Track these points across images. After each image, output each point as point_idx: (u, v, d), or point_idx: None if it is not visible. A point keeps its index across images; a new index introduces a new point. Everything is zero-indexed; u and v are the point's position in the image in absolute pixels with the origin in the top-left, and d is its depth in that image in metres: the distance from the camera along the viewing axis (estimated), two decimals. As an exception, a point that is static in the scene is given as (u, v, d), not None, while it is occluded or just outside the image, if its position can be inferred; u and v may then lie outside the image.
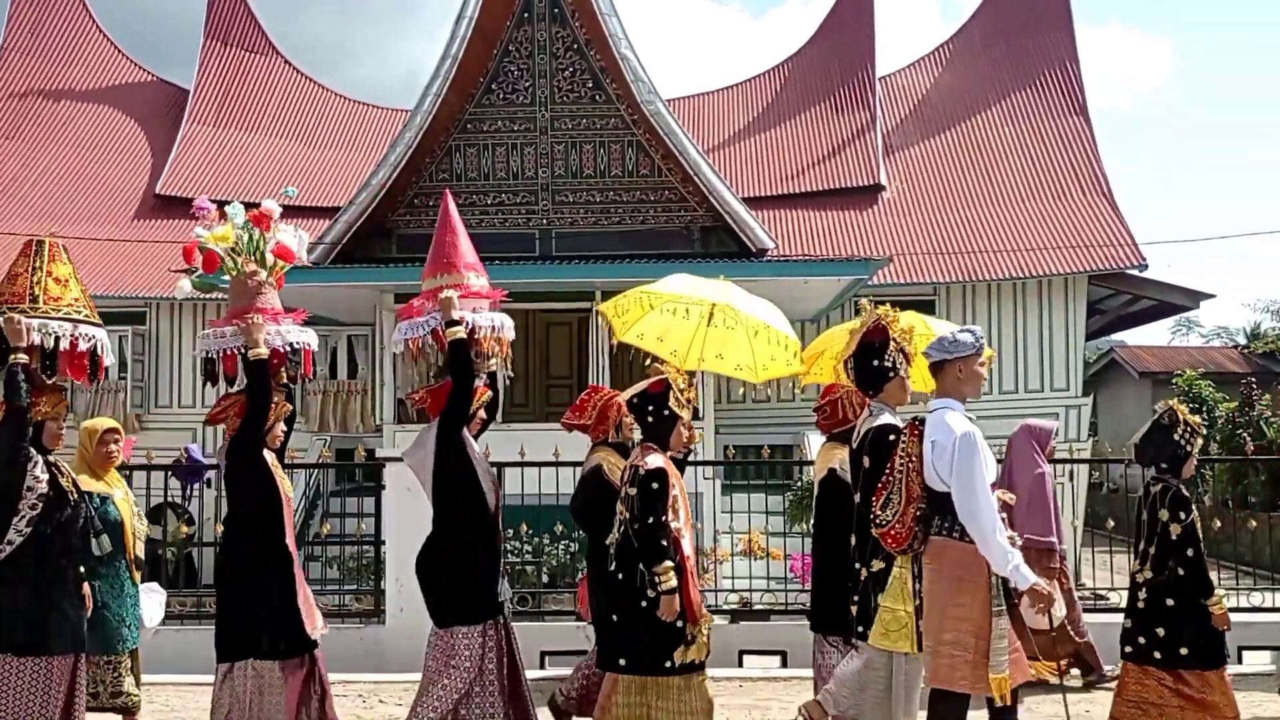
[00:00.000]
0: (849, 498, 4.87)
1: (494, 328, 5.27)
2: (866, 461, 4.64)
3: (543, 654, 8.35)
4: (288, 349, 5.14)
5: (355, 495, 14.74)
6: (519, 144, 18.38)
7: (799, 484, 13.08)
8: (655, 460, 4.88)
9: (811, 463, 13.26)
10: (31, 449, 4.86)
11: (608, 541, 5.02)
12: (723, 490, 13.05)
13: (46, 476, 4.85)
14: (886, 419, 4.66)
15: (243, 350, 5.05)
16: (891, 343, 4.73)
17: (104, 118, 23.67)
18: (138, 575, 6.02)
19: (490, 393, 5.45)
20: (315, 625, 5.15)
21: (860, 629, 4.68)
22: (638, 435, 5.25)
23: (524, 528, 10.15)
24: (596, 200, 18.37)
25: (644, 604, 4.79)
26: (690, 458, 9.64)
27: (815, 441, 15.90)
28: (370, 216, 17.74)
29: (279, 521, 5.08)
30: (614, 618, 4.93)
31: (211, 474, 9.63)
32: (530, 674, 7.57)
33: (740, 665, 8.15)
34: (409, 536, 8.57)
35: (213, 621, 8.74)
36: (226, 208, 5.37)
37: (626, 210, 18.30)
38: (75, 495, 5.03)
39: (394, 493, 8.65)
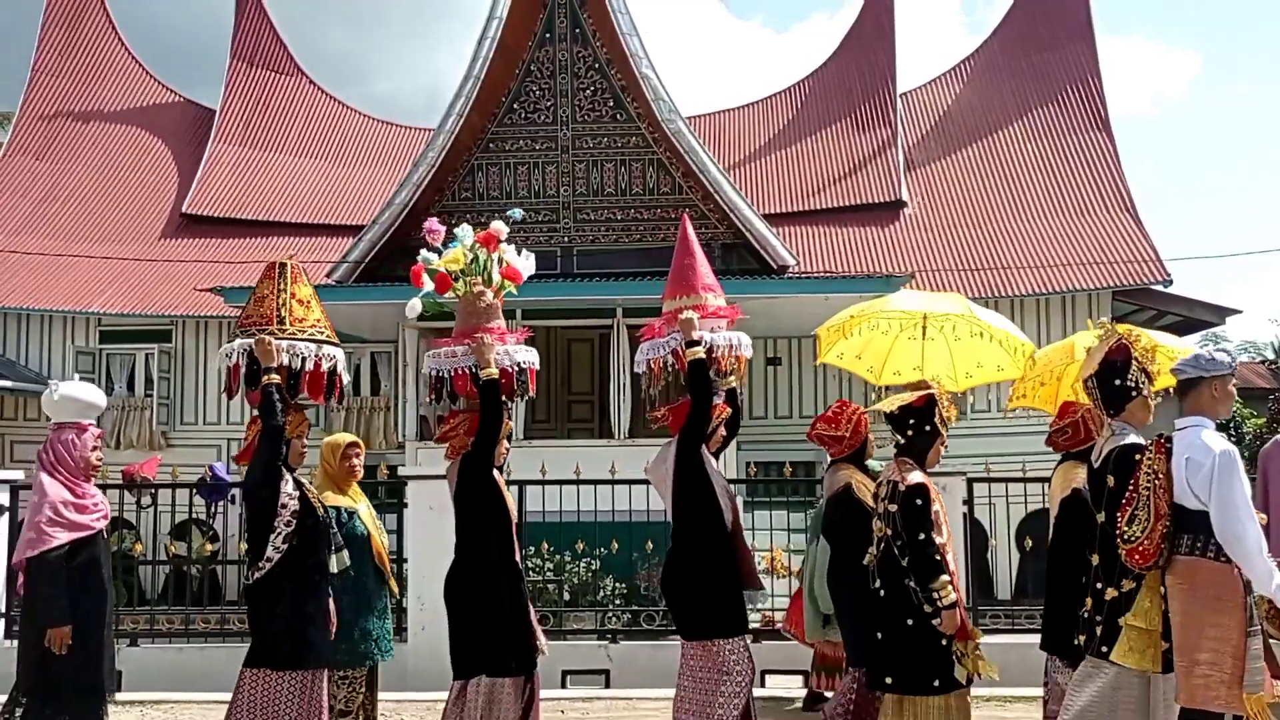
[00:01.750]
0: (1091, 518, 4.80)
1: (731, 345, 5.36)
2: (1111, 481, 4.55)
3: (564, 673, 8.34)
4: (515, 368, 5.19)
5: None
6: (541, 162, 18.48)
7: (821, 501, 13.01)
8: (916, 476, 4.87)
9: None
10: (283, 467, 4.96)
11: (866, 561, 4.99)
12: (745, 507, 12.98)
13: (297, 494, 4.94)
14: (1132, 438, 4.59)
15: (473, 369, 5.12)
16: (1134, 362, 4.67)
17: (131, 138, 23.94)
18: (395, 586, 6.03)
19: (730, 410, 5.49)
20: (541, 642, 5.18)
21: (1104, 649, 4.55)
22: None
23: (545, 545, 10.16)
24: (617, 218, 18.43)
25: (910, 621, 4.77)
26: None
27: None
28: (393, 235, 17.86)
29: (509, 538, 5.13)
30: (879, 635, 4.90)
31: (235, 491, 9.72)
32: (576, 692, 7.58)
33: (764, 685, 8.11)
34: (431, 554, 8.60)
35: (237, 639, 8.81)
36: (456, 230, 5.49)
37: (647, 228, 18.35)
38: (321, 511, 5.11)
39: (416, 510, 8.68)
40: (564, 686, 8.18)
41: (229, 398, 5.25)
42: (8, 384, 18.49)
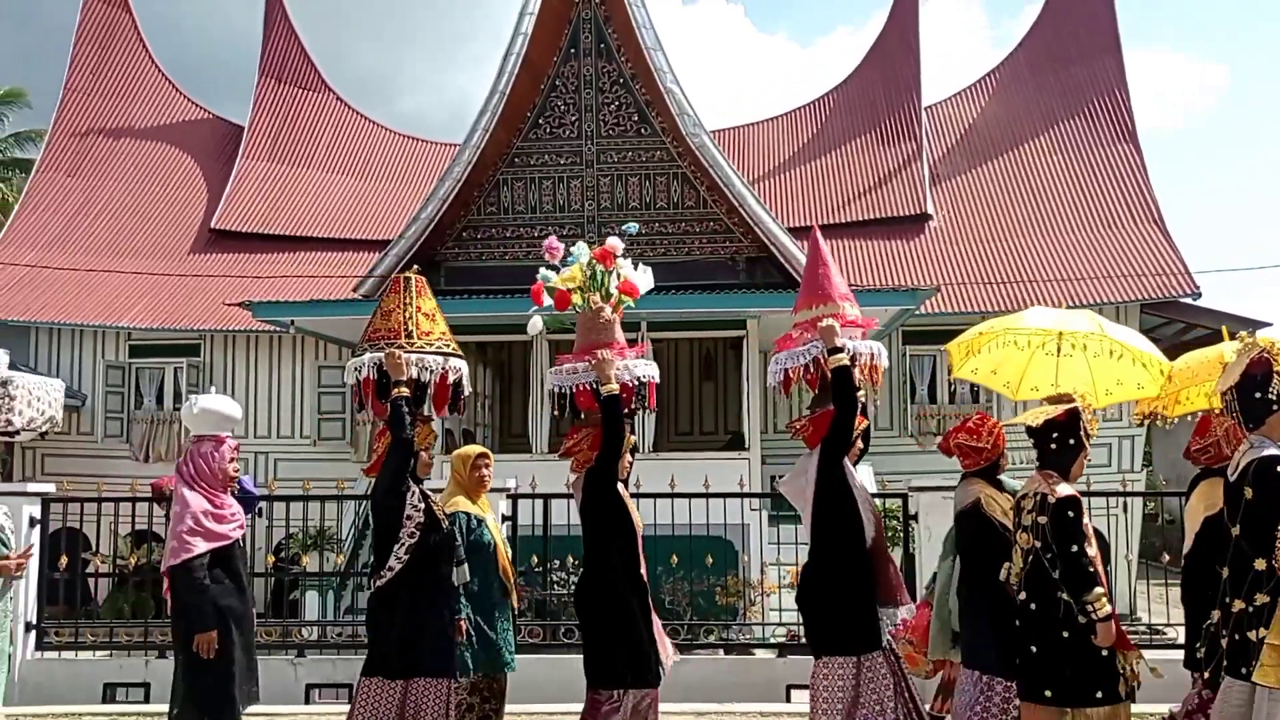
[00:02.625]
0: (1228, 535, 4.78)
1: (871, 355, 5.32)
2: (1249, 493, 4.48)
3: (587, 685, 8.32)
4: (635, 383, 5.25)
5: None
6: (565, 177, 18.55)
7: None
8: (1065, 488, 4.82)
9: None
10: (410, 479, 5.04)
11: (1011, 576, 4.91)
12: (769, 521, 12.98)
13: (423, 505, 5.00)
14: (1271, 450, 4.51)
15: (594, 385, 5.17)
16: (1275, 375, 4.59)
17: (161, 154, 24.22)
18: (515, 598, 6.07)
19: (867, 421, 5.42)
20: (667, 654, 5.19)
21: (1242, 669, 4.47)
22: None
23: (570, 559, 10.16)
24: (642, 232, 18.45)
25: (1065, 634, 4.71)
26: (737, 488, 9.64)
27: (862, 471, 15.81)
28: (419, 250, 17.96)
29: (634, 551, 5.16)
30: (1033, 649, 4.82)
31: (262, 504, 9.77)
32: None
33: (788, 700, 8.08)
34: (456, 567, 8.61)
35: (264, 651, 8.85)
36: (572, 247, 5.53)
37: (672, 242, 18.38)
38: (446, 525, 5.16)
39: (442, 524, 8.69)
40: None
41: (358, 410, 5.30)
42: (39, 398, 18.65)
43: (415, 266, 5.73)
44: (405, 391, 5.01)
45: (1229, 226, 64.34)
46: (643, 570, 5.19)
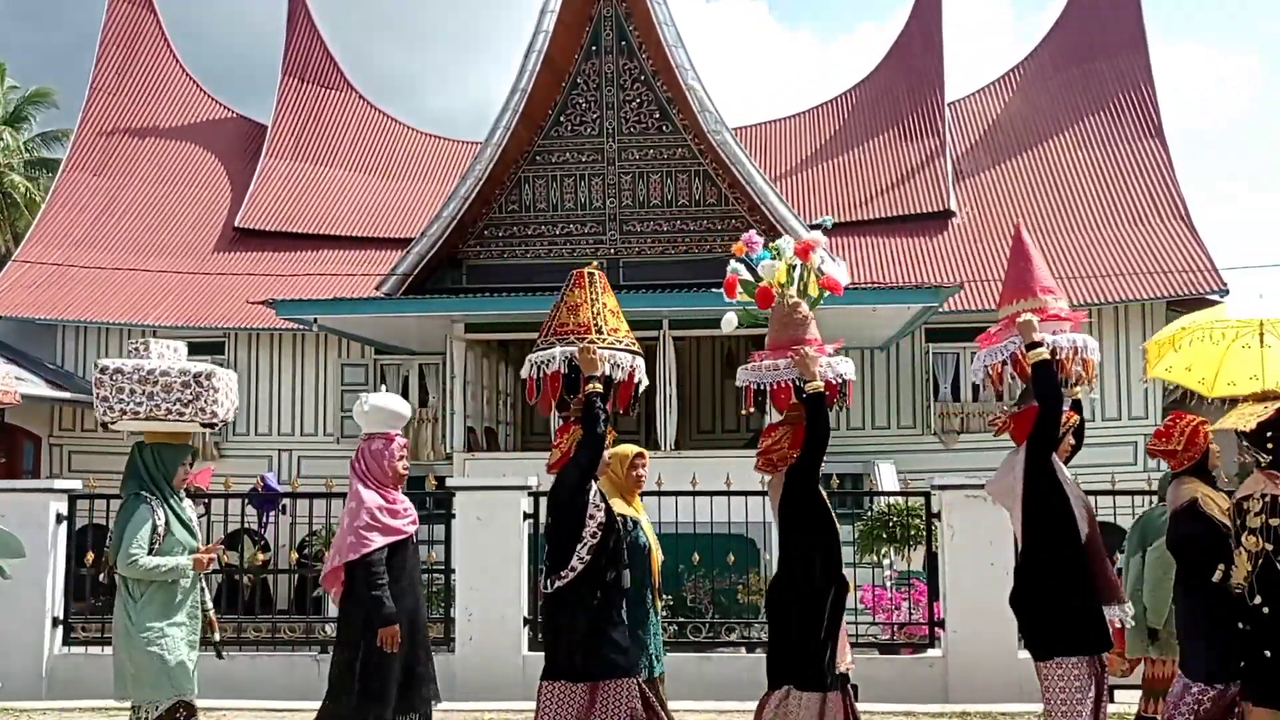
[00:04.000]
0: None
1: (1075, 349, 5.19)
2: None
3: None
4: (839, 380, 5.17)
5: (426, 523, 14.85)
6: (587, 175, 18.55)
7: (869, 514, 12.93)
8: None
9: (883, 493, 13.14)
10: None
11: (1217, 577, 4.83)
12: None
13: (604, 505, 4.96)
14: None
15: (795, 382, 5.09)
16: None
17: (186, 153, 24.38)
18: (659, 602, 6.04)
19: (1078, 417, 5.30)
20: (845, 660, 5.12)
21: None
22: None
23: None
24: (664, 230, 18.46)
25: None
26: (759, 486, 9.61)
27: (885, 470, 15.74)
28: (441, 247, 18.01)
29: (838, 552, 5.09)
30: (1266, 654, 4.70)
31: (285, 502, 9.83)
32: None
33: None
34: (478, 565, 8.64)
35: (288, 648, 8.90)
36: (776, 241, 5.45)
37: (694, 239, 18.35)
38: (620, 525, 5.12)
39: (463, 521, 8.73)
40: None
41: (544, 407, 5.25)
42: (66, 395, 18.85)
43: (595, 262, 5.65)
44: (599, 388, 4.96)
45: (1258, 222, 63.72)
46: (844, 571, 5.11)
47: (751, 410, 5.31)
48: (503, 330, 16.58)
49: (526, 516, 8.65)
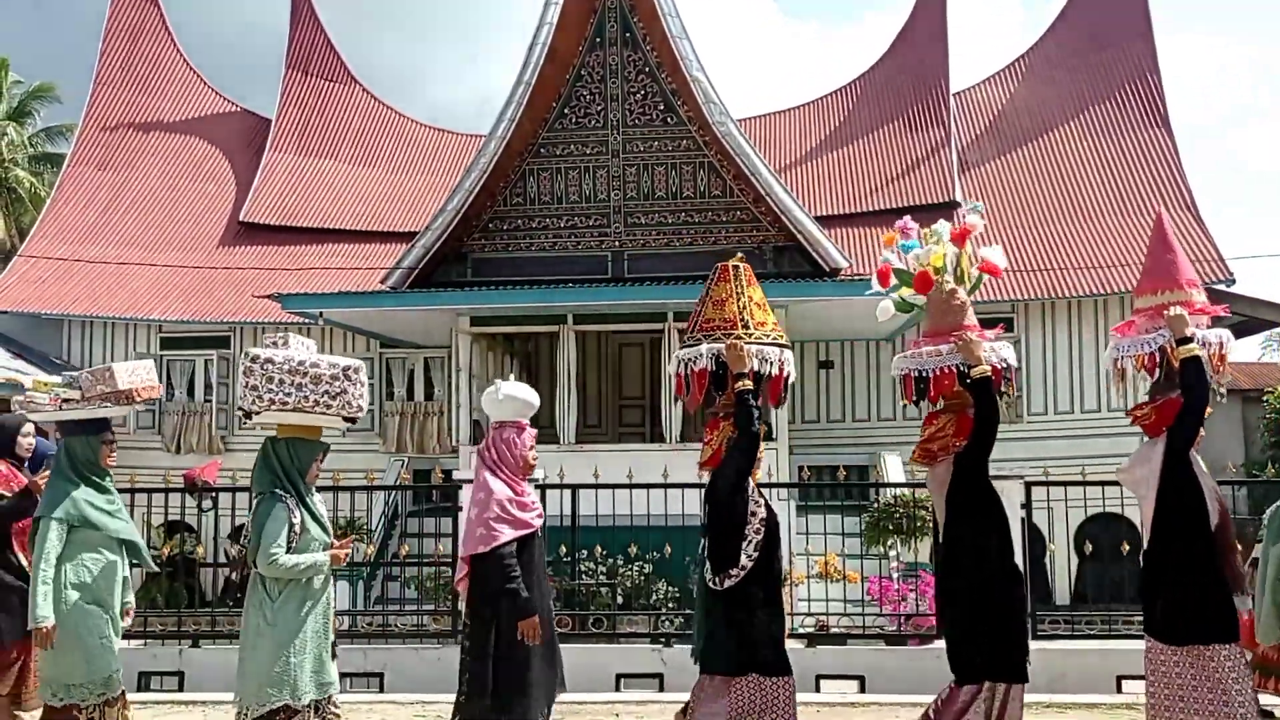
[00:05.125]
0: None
1: (1220, 342, 5.15)
2: None
3: (617, 676, 8.34)
4: (1004, 365, 5.11)
5: (433, 516, 14.91)
6: (591, 167, 18.53)
7: (875, 505, 12.93)
8: None
9: (890, 484, 13.12)
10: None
11: None
12: (798, 511, 12.94)
13: (763, 500, 4.94)
14: None
15: (959, 367, 5.03)
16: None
17: (190, 147, 24.38)
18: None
19: (1210, 410, 5.22)
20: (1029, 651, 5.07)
21: None
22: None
23: (598, 549, 10.17)
24: (668, 222, 18.43)
25: None
26: (764, 479, 9.61)
27: (892, 461, 15.73)
28: (446, 241, 18.00)
29: (1008, 539, 5.05)
30: None
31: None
32: (602, 696, 7.58)
33: (818, 690, 8.07)
34: (485, 558, 8.63)
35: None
36: (933, 227, 5.35)
37: (698, 231, 18.33)
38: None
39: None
40: (618, 689, 8.17)
41: (692, 404, 5.17)
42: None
43: (739, 254, 5.56)
44: (749, 384, 4.90)
45: (1265, 212, 63.52)
46: (1018, 559, 5.07)
47: (912, 399, 5.22)
48: (508, 323, 16.58)
49: (533, 509, 8.64)
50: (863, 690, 8.18)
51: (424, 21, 74.25)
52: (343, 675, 8.59)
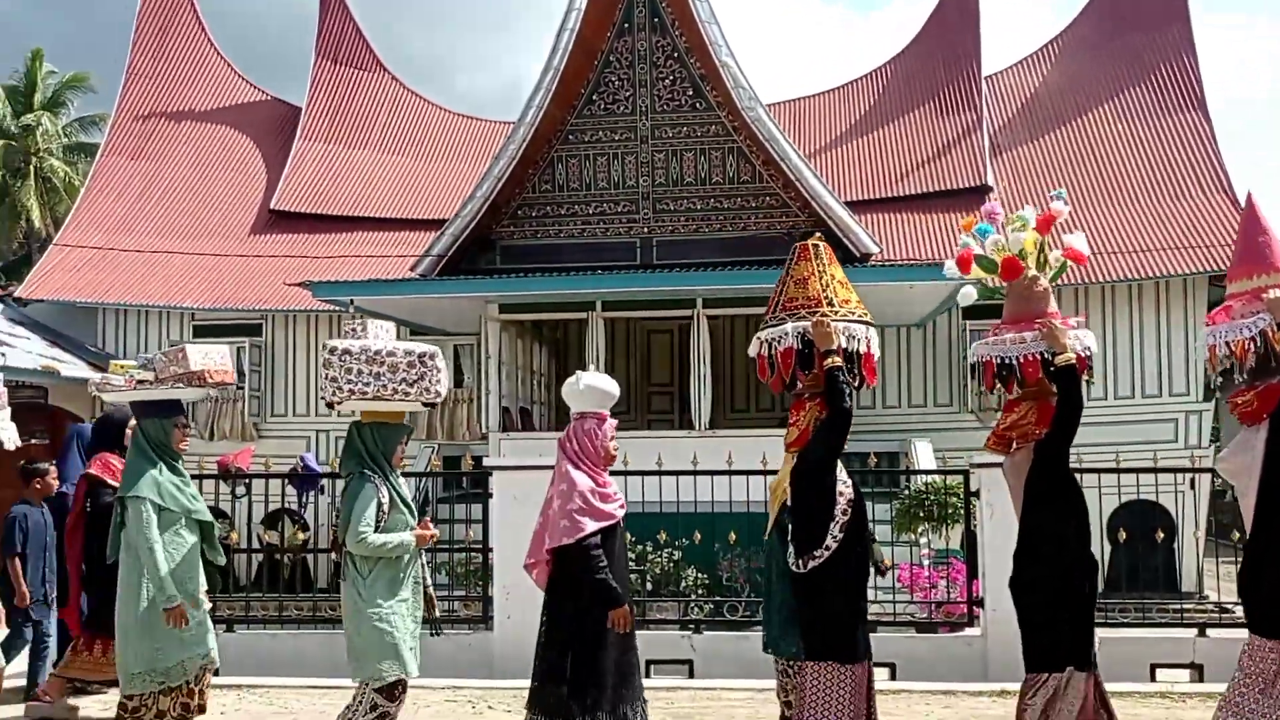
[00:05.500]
0: None
1: None
2: None
3: (648, 662, 8.34)
4: (1087, 353, 5.07)
5: (463, 502, 14.96)
6: (620, 153, 18.49)
7: (906, 492, 12.86)
8: None
9: (920, 471, 13.06)
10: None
11: None
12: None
13: (851, 481, 4.90)
14: None
15: (1044, 355, 4.97)
16: None
17: (221, 137, 24.54)
18: None
19: None
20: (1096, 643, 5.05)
21: None
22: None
23: (627, 535, 10.17)
24: (697, 208, 18.38)
25: None
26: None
27: (922, 448, 15.64)
28: (475, 228, 18.03)
29: (1085, 528, 5.01)
30: None
31: (324, 482, 9.91)
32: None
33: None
34: (515, 543, 8.66)
35: (329, 626, 8.98)
36: (1018, 213, 5.30)
37: (727, 217, 18.26)
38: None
39: (501, 500, 8.76)
40: (648, 676, 8.17)
41: (776, 385, 5.10)
42: (107, 377, 19.07)
43: (817, 234, 5.51)
44: (839, 361, 4.83)
45: (1301, 195, 62.49)
46: (1094, 550, 5.03)
47: (992, 386, 5.15)
48: (537, 310, 16.60)
49: (562, 496, 8.65)
50: (893, 678, 8.16)
51: (452, 9, 74.33)
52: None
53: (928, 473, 12.29)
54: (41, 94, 32.86)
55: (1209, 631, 8.43)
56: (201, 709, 5.94)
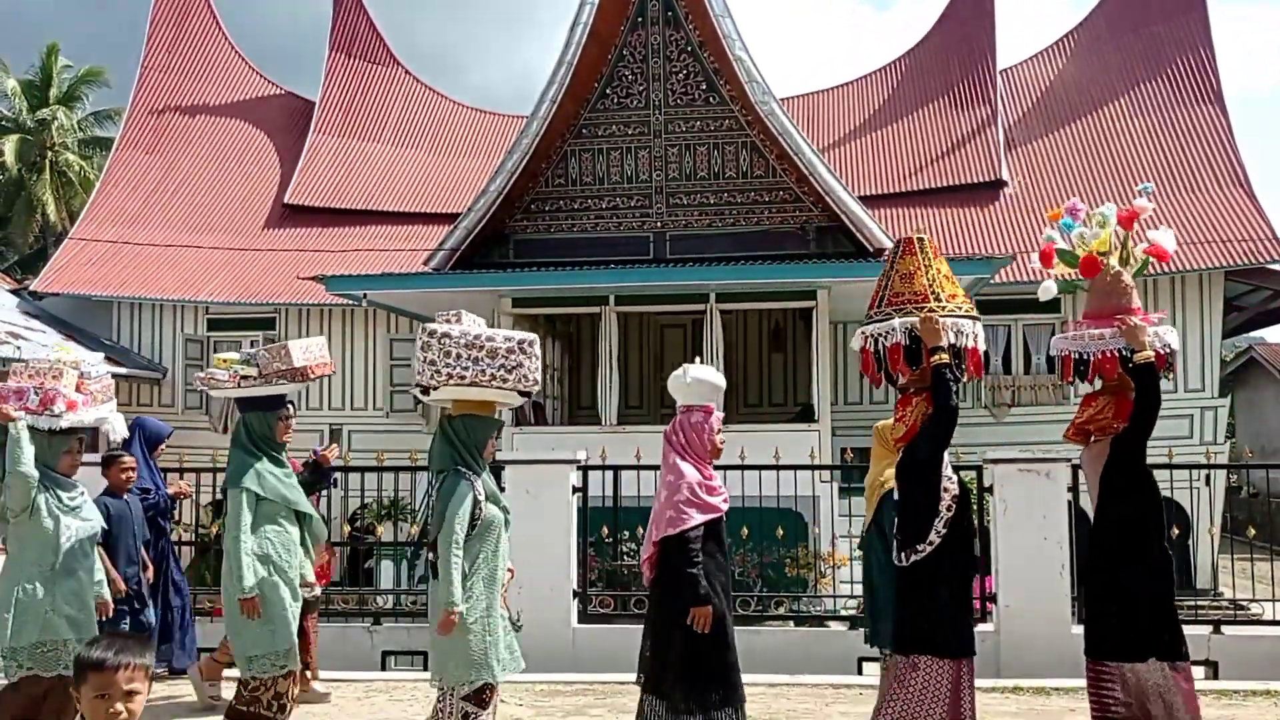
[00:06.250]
0: None
1: None
2: None
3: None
4: (1167, 350, 5.05)
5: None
6: (633, 147, 18.47)
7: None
8: None
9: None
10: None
11: None
12: (840, 493, 12.88)
13: (955, 477, 4.88)
14: None
15: (1123, 351, 4.97)
16: None
17: (235, 131, 24.61)
18: None
19: None
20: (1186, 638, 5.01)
21: None
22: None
23: (639, 530, 10.17)
24: (710, 202, 18.34)
25: None
26: (807, 460, 9.55)
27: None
28: (488, 222, 18.04)
29: (1162, 523, 5.00)
30: None
31: (337, 476, 9.93)
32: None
33: (860, 673, 8.03)
34: (528, 538, 8.67)
35: (342, 620, 9.01)
36: (1100, 208, 5.28)
37: (741, 211, 18.22)
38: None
39: (514, 495, 8.75)
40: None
41: (878, 381, 5.09)
42: (123, 370, 19.17)
43: (919, 229, 5.50)
44: (946, 358, 4.78)
45: (1319, 190, 62.12)
46: (1167, 543, 5.04)
47: (1071, 380, 5.15)
48: (550, 305, 16.59)
49: (575, 490, 8.66)
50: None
51: (465, 3, 74.31)
52: (388, 653, 8.72)
53: (941, 468, 12.21)
54: (57, 88, 33.00)
55: (1224, 628, 8.40)
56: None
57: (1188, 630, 4.98)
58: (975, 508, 9.25)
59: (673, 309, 17.02)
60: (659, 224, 18.43)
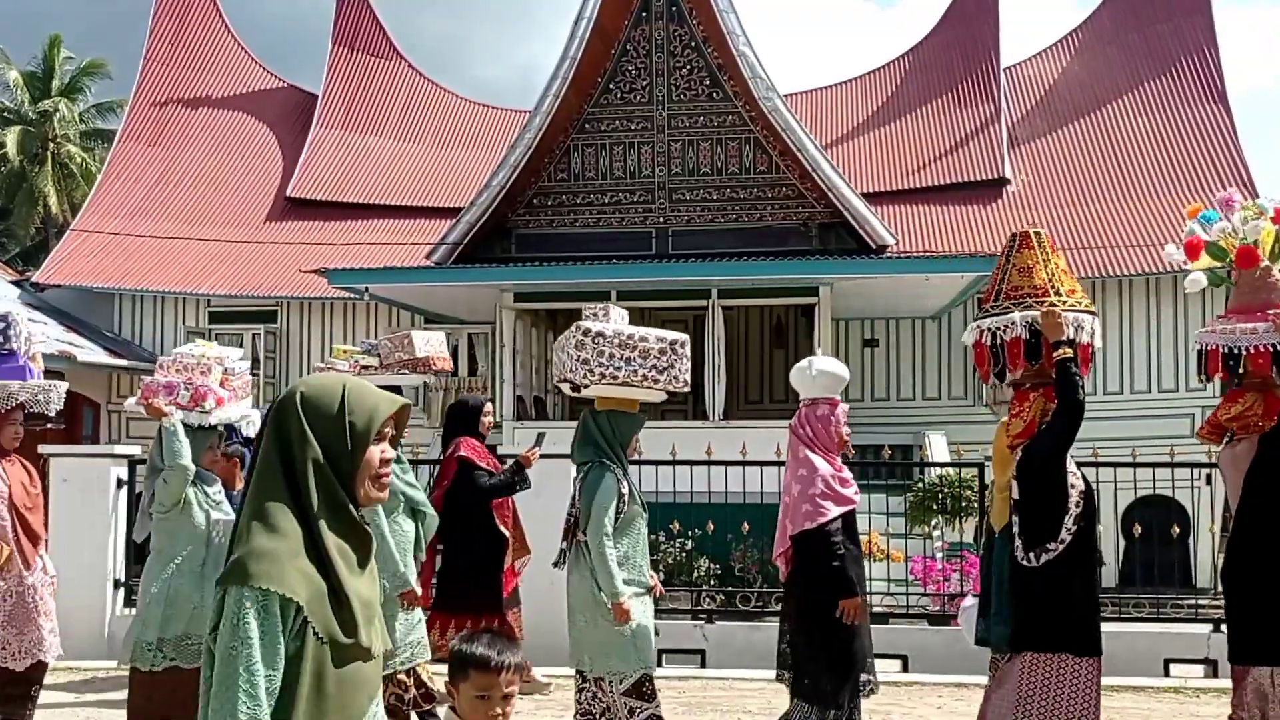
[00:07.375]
0: None
1: None
2: None
3: (660, 652, 8.34)
4: None
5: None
6: (636, 143, 18.46)
7: (919, 484, 12.83)
8: None
9: (934, 463, 13.03)
10: None
11: None
12: (841, 490, 12.90)
13: (1080, 472, 4.79)
14: None
15: (1275, 347, 4.87)
16: None
17: (238, 123, 24.59)
18: None
19: None
20: None
21: None
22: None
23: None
24: (713, 198, 18.33)
25: None
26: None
27: (936, 441, 15.60)
28: (491, 217, 18.03)
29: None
30: None
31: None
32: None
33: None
34: (536, 532, 8.69)
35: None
36: (1255, 201, 5.23)
37: (744, 207, 18.22)
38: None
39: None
40: (660, 665, 8.18)
41: (987, 375, 5.05)
42: (124, 362, 19.18)
43: (1035, 224, 5.50)
44: (1069, 352, 4.70)
45: (1322, 190, 62.00)
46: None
47: (1217, 374, 5.08)
48: (551, 299, 16.60)
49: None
50: (905, 670, 8.15)
51: (469, -3, 74.30)
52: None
53: (942, 465, 12.25)
54: (59, 80, 32.97)
55: (1223, 627, 8.39)
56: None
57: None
58: (975, 503, 9.26)
59: (675, 304, 17.01)
60: (661, 219, 18.43)
